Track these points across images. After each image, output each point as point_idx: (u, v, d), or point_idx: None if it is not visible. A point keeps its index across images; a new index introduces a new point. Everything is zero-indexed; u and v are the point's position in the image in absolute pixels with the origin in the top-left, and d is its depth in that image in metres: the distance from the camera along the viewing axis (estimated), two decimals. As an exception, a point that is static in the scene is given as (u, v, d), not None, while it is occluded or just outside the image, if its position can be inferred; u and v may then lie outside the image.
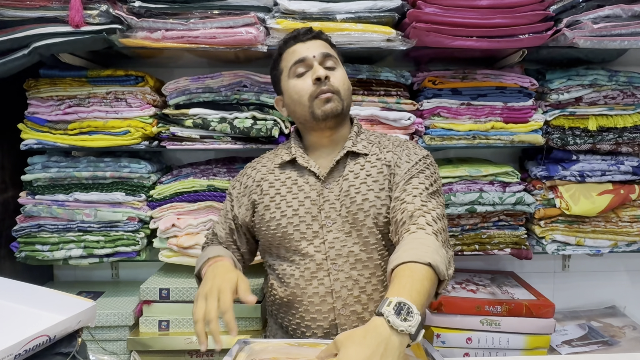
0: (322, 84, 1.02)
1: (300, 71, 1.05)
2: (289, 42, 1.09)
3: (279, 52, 1.11)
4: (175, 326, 1.41)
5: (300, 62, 1.05)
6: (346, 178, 1.03)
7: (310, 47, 1.06)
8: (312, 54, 1.04)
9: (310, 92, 1.03)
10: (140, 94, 1.43)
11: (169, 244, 1.44)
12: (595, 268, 1.81)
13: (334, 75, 1.04)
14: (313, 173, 1.05)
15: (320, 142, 1.10)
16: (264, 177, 1.10)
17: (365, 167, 1.04)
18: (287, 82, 1.08)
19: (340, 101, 1.03)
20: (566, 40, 1.32)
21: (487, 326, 1.43)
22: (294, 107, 1.08)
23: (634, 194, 1.52)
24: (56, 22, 1.25)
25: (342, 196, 1.02)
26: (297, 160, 1.07)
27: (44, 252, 1.45)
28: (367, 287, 1.01)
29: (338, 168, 1.06)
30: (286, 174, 1.08)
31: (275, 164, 1.11)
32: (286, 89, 1.09)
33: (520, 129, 1.48)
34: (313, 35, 1.08)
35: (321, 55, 1.05)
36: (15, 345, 0.68)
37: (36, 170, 1.46)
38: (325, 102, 1.02)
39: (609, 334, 1.58)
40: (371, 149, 1.07)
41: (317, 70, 1.02)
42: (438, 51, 1.41)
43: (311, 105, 1.03)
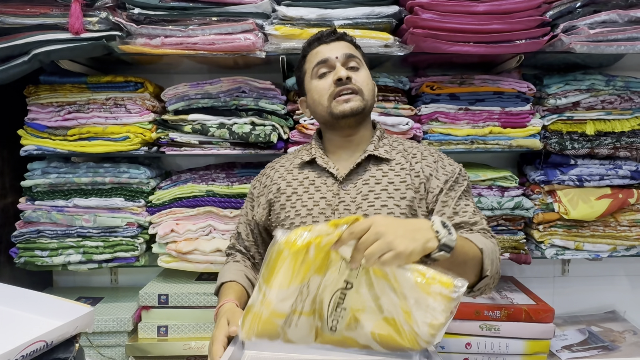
0: (342, 84, 1.01)
1: (322, 72, 1.05)
2: (313, 43, 1.09)
3: (303, 53, 1.12)
4: (174, 332, 1.41)
5: (323, 63, 1.04)
6: (366, 182, 1.02)
7: (334, 48, 1.06)
8: (335, 55, 1.04)
9: (330, 92, 1.03)
10: (140, 100, 1.43)
11: (168, 249, 1.44)
12: (594, 272, 1.81)
13: (357, 75, 1.04)
14: (331, 174, 1.05)
15: (340, 143, 1.09)
16: (282, 177, 1.10)
17: (388, 174, 1.03)
18: (309, 83, 1.08)
19: (362, 100, 1.02)
20: (563, 46, 1.33)
21: (486, 331, 1.43)
22: (315, 107, 1.08)
23: (633, 198, 1.52)
24: (56, 29, 1.27)
25: (360, 199, 1.01)
26: (317, 161, 1.07)
27: (43, 257, 1.45)
28: None
29: (358, 171, 1.04)
30: (304, 174, 1.08)
31: (294, 165, 1.11)
32: (308, 90, 1.09)
33: (518, 133, 1.48)
34: (337, 37, 1.08)
35: (344, 56, 1.04)
36: (12, 350, 0.68)
37: (36, 176, 1.47)
38: (344, 102, 1.01)
39: (609, 339, 1.57)
40: (394, 155, 1.06)
41: (338, 71, 1.02)
42: (436, 57, 1.42)
43: (330, 105, 1.03)
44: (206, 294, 1.40)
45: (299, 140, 1.46)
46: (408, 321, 0.74)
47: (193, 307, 1.41)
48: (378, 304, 0.76)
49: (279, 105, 1.45)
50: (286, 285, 0.73)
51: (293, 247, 0.72)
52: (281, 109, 1.45)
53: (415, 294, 0.73)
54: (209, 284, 1.46)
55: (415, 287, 0.73)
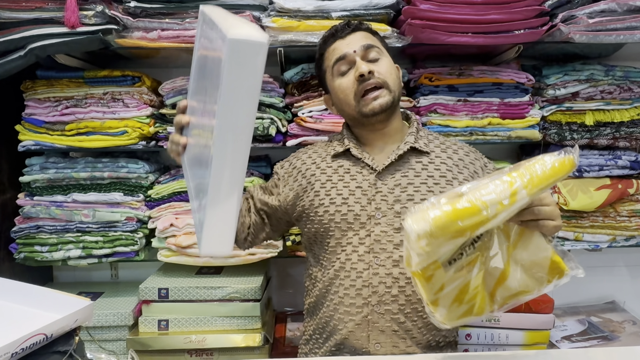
0: (365, 80, 0.98)
1: (343, 69, 1.02)
2: (328, 40, 1.05)
3: (320, 51, 1.08)
4: (174, 325, 1.41)
5: (342, 60, 1.01)
6: (405, 175, 1.00)
7: (350, 42, 1.02)
8: (353, 49, 1.00)
9: (354, 91, 1.00)
10: (137, 94, 1.43)
11: (168, 243, 1.44)
12: (594, 263, 1.81)
13: (379, 66, 1.00)
14: (367, 165, 1.02)
15: (372, 136, 1.06)
16: (316, 163, 1.07)
17: (428, 167, 1.01)
18: (332, 82, 1.05)
19: (389, 93, 1.00)
20: (562, 36, 1.32)
21: (486, 322, 1.43)
22: (342, 106, 1.05)
23: (632, 188, 1.52)
24: (52, 23, 1.26)
25: (398, 191, 0.98)
26: (351, 152, 1.03)
27: (42, 253, 1.45)
28: (407, 288, 0.96)
29: (396, 163, 1.01)
30: (338, 162, 1.05)
31: (327, 153, 1.08)
32: (332, 89, 1.06)
33: (517, 124, 1.48)
34: (352, 29, 1.04)
35: (362, 48, 1.00)
36: (12, 343, 0.68)
37: (34, 171, 1.46)
38: (372, 100, 0.98)
39: (608, 329, 1.58)
40: (433, 148, 1.05)
41: (359, 67, 0.98)
42: (434, 48, 1.41)
43: (358, 104, 1.00)
44: (206, 287, 1.41)
45: (297, 133, 1.46)
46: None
47: (193, 300, 1.41)
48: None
49: (277, 98, 1.45)
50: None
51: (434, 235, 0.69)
52: (279, 102, 1.45)
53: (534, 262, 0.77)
54: (209, 278, 1.47)
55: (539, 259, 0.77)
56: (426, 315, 0.94)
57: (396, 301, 0.96)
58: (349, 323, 0.98)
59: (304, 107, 1.44)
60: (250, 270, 1.53)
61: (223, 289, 1.41)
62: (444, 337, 1.02)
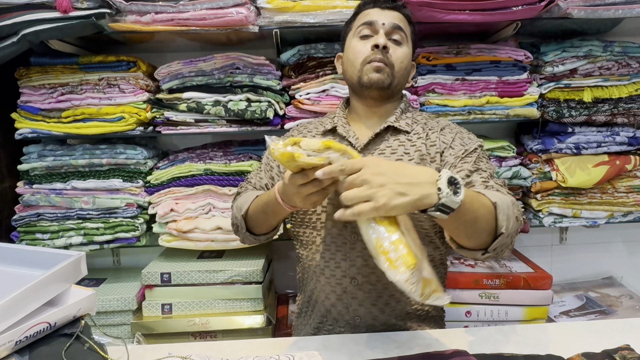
0: (378, 52, 0.99)
1: (365, 33, 1.03)
2: (368, 4, 1.06)
3: (356, 10, 1.09)
4: (178, 309, 1.43)
5: (368, 24, 1.02)
6: (382, 152, 1.02)
7: (385, 15, 1.03)
8: (382, 21, 1.01)
9: (365, 56, 1.01)
10: (133, 80, 1.42)
11: (169, 228, 1.45)
12: (592, 239, 1.83)
13: (396, 50, 1.01)
14: (350, 143, 1.04)
15: (365, 113, 1.08)
16: None
17: (405, 144, 1.02)
18: (350, 40, 1.06)
19: (389, 76, 1.00)
20: (560, 11, 1.31)
21: (485, 299, 1.45)
22: (347, 67, 1.06)
23: (630, 164, 1.52)
24: (44, 8, 1.24)
25: None
26: (338, 130, 1.07)
27: (44, 240, 1.45)
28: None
29: (376, 141, 1.03)
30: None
31: (318, 131, 1.11)
32: (347, 47, 1.07)
33: (515, 102, 1.47)
34: (393, 6, 1.05)
35: (391, 25, 1.01)
36: (15, 332, 0.69)
37: (32, 159, 1.46)
38: (374, 70, 0.99)
39: (606, 304, 1.60)
40: (415, 127, 1.05)
41: (378, 38, 0.99)
42: (431, 27, 1.40)
43: (361, 69, 1.01)
44: (208, 271, 1.42)
45: (295, 115, 1.45)
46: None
47: (196, 284, 1.43)
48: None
49: (274, 81, 1.44)
50: None
51: (273, 154, 0.74)
52: (276, 84, 1.44)
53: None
54: (211, 262, 1.48)
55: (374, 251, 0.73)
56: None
57: (374, 273, 0.99)
58: (330, 295, 1.03)
59: (301, 89, 1.44)
60: (252, 253, 1.54)
61: (225, 272, 1.42)
62: (425, 311, 1.04)
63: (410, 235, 0.76)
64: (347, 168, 0.72)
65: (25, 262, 0.85)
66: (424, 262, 0.73)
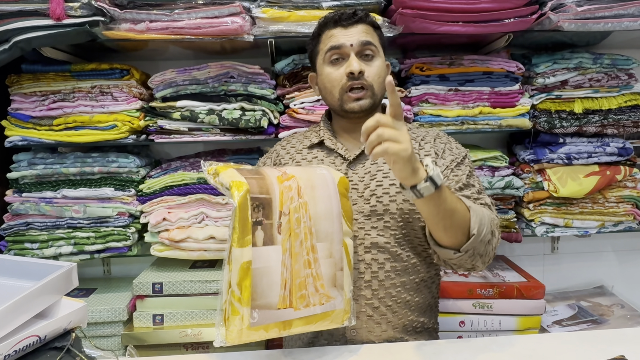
0: (354, 78, 0.99)
1: (335, 58, 1.02)
2: (330, 23, 1.04)
3: (319, 29, 1.07)
4: (169, 320, 1.40)
5: (336, 49, 1.01)
6: (374, 162, 1.03)
7: (351, 33, 1.01)
8: (350, 43, 1.00)
9: (342, 85, 1.01)
10: (126, 88, 1.41)
11: (161, 238, 1.43)
12: (583, 249, 1.84)
13: (370, 67, 1.01)
14: (340, 155, 1.05)
15: (349, 127, 1.08)
16: (292, 157, 1.10)
17: None
18: (321, 67, 1.05)
19: (372, 97, 1.02)
20: (551, 24, 1.33)
21: (479, 309, 1.45)
22: (326, 94, 1.06)
23: (620, 174, 1.54)
24: (37, 16, 1.23)
25: (368, 179, 1.02)
26: (325, 143, 1.07)
27: (33, 250, 1.43)
28: (380, 272, 0.99)
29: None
30: (313, 154, 1.08)
31: (304, 145, 1.11)
32: (320, 73, 1.07)
33: (507, 113, 1.49)
34: (356, 20, 1.02)
35: (359, 44, 1.00)
36: (4, 345, 0.67)
37: (22, 167, 1.44)
38: (354, 100, 1.00)
39: (598, 313, 1.61)
40: None
41: (351, 64, 0.99)
42: (425, 38, 1.41)
43: (341, 98, 1.02)
44: (201, 281, 1.40)
45: (289, 124, 1.45)
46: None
47: (188, 294, 1.41)
48: None
49: (268, 90, 1.44)
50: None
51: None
52: (271, 93, 1.44)
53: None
54: (203, 272, 1.46)
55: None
56: (400, 300, 0.99)
57: (369, 286, 0.98)
58: None
59: (296, 98, 1.44)
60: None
61: (218, 282, 1.40)
62: (421, 323, 1.05)
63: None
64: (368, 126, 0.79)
65: (15, 273, 0.83)
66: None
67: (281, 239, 0.78)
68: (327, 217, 0.84)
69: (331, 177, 0.88)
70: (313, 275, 0.81)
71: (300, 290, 0.80)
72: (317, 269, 0.82)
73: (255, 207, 0.76)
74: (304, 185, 0.83)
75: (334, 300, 0.84)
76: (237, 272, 0.74)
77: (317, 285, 0.82)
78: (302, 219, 0.81)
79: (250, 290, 0.75)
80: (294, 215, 0.80)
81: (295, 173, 0.84)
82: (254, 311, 0.75)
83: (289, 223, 0.79)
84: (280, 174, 0.82)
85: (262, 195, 0.78)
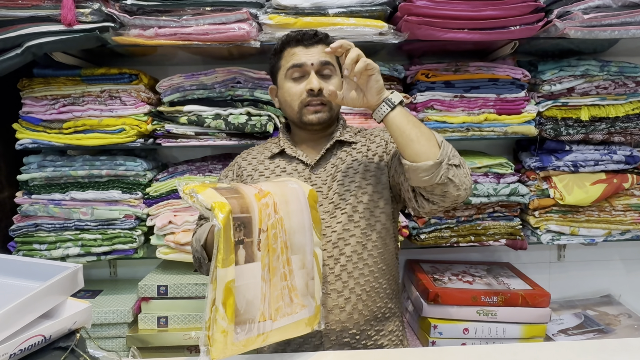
0: (313, 95, 1.05)
1: (296, 75, 1.08)
2: (292, 42, 1.09)
3: (281, 46, 1.11)
4: (174, 322, 1.42)
5: (298, 67, 1.07)
6: (334, 164, 1.10)
7: (312, 53, 1.07)
8: (311, 62, 1.06)
9: (301, 100, 1.07)
10: (135, 92, 1.43)
11: (166, 240, 1.44)
12: (590, 257, 1.83)
13: (328, 85, 1.06)
14: (302, 161, 1.10)
15: (308, 137, 1.14)
16: (255, 168, 1.14)
17: (351, 154, 1.11)
18: (282, 81, 1.10)
19: (329, 111, 1.08)
20: (557, 31, 1.33)
21: (483, 316, 1.45)
22: (285, 107, 1.12)
23: (627, 182, 1.53)
24: (48, 21, 1.26)
25: (330, 181, 1.08)
26: (286, 151, 1.12)
27: (41, 251, 1.45)
28: (349, 265, 1.04)
29: (326, 156, 1.11)
30: (276, 163, 1.13)
31: (265, 156, 1.15)
32: (280, 87, 1.12)
33: (513, 120, 1.49)
34: (317, 40, 1.08)
35: (319, 63, 1.06)
36: (10, 344, 0.68)
37: (32, 169, 1.46)
38: (313, 112, 1.07)
39: (604, 322, 1.59)
40: (358, 138, 1.14)
41: (311, 81, 1.05)
42: (430, 44, 1.42)
43: (300, 111, 1.07)
44: (205, 284, 1.41)
45: (295, 130, 1.46)
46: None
47: (192, 297, 1.42)
48: None
49: (274, 95, 1.45)
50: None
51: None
52: (277, 99, 1.45)
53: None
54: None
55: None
56: (370, 288, 1.04)
57: (339, 279, 1.03)
58: None
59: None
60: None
61: (222, 286, 1.41)
62: (389, 309, 1.09)
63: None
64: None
65: (22, 274, 0.84)
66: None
67: (260, 255, 0.81)
68: (300, 230, 0.87)
69: (302, 190, 0.91)
70: (289, 287, 0.85)
71: (278, 302, 0.83)
72: (292, 280, 0.85)
73: (237, 226, 0.78)
74: (279, 201, 0.85)
75: (307, 308, 0.88)
76: (222, 291, 0.76)
77: (292, 295, 0.85)
78: (279, 234, 0.84)
79: (234, 307, 0.77)
80: (272, 231, 0.83)
81: (270, 189, 0.86)
82: (238, 327, 0.78)
83: (267, 239, 0.82)
84: (257, 191, 0.84)
85: (243, 214, 0.79)
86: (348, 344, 1.03)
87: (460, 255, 1.80)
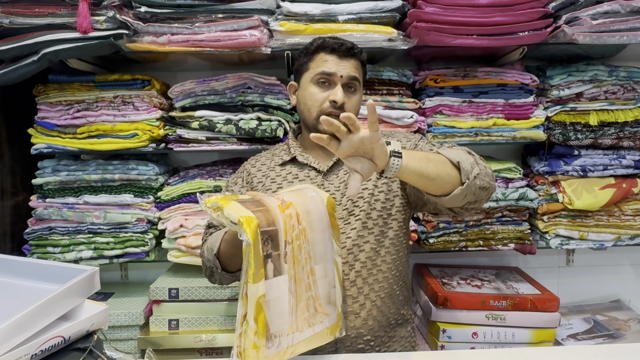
0: (335, 107, 1.05)
1: (322, 81, 1.08)
2: (327, 48, 1.09)
3: (315, 48, 1.10)
4: (184, 325, 1.43)
5: (327, 75, 1.07)
6: (347, 172, 1.09)
7: (344, 66, 1.08)
8: (341, 74, 1.07)
9: (321, 108, 1.07)
10: (147, 98, 1.45)
11: (178, 244, 1.46)
12: (599, 262, 1.82)
13: (350, 101, 1.08)
14: (314, 168, 1.11)
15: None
16: (266, 174, 1.14)
17: None
18: (307, 83, 1.11)
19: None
20: (565, 37, 1.33)
21: (492, 321, 1.45)
22: (303, 109, 1.12)
23: (636, 187, 1.53)
24: (64, 29, 1.28)
25: (343, 188, 1.08)
26: (297, 158, 1.12)
27: (55, 254, 1.47)
28: (363, 271, 1.05)
29: (339, 163, 1.12)
30: (287, 170, 1.13)
31: (275, 163, 1.15)
32: (303, 88, 1.12)
33: (521, 125, 1.49)
34: (352, 54, 1.09)
35: (348, 77, 1.08)
36: (31, 345, 0.70)
37: (46, 174, 1.49)
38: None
39: (614, 328, 1.59)
40: None
41: (337, 93, 1.05)
42: (439, 50, 1.43)
43: (317, 118, 1.07)
44: (216, 287, 1.43)
45: (304, 134, 1.48)
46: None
47: (203, 300, 1.43)
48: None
49: (284, 101, 1.47)
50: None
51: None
52: (287, 104, 1.47)
53: None
54: (218, 278, 1.49)
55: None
56: (384, 294, 1.05)
57: (354, 285, 1.04)
58: None
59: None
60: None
61: (232, 288, 1.43)
62: (401, 315, 1.10)
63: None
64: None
65: (40, 276, 0.86)
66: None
67: (287, 268, 0.81)
68: (321, 239, 0.88)
69: (320, 198, 0.91)
70: (313, 297, 0.85)
71: (303, 313, 0.83)
72: (315, 290, 0.85)
73: (265, 240, 0.78)
74: (301, 211, 0.85)
75: (329, 316, 0.88)
76: (254, 307, 0.76)
77: (316, 305, 0.85)
78: (303, 245, 0.84)
79: (265, 322, 0.77)
80: (296, 242, 0.83)
81: (292, 199, 0.86)
82: (269, 341, 0.78)
83: (292, 251, 0.82)
84: (280, 202, 0.84)
85: (270, 227, 0.79)
86: (362, 350, 1.03)
87: (468, 260, 1.80)
